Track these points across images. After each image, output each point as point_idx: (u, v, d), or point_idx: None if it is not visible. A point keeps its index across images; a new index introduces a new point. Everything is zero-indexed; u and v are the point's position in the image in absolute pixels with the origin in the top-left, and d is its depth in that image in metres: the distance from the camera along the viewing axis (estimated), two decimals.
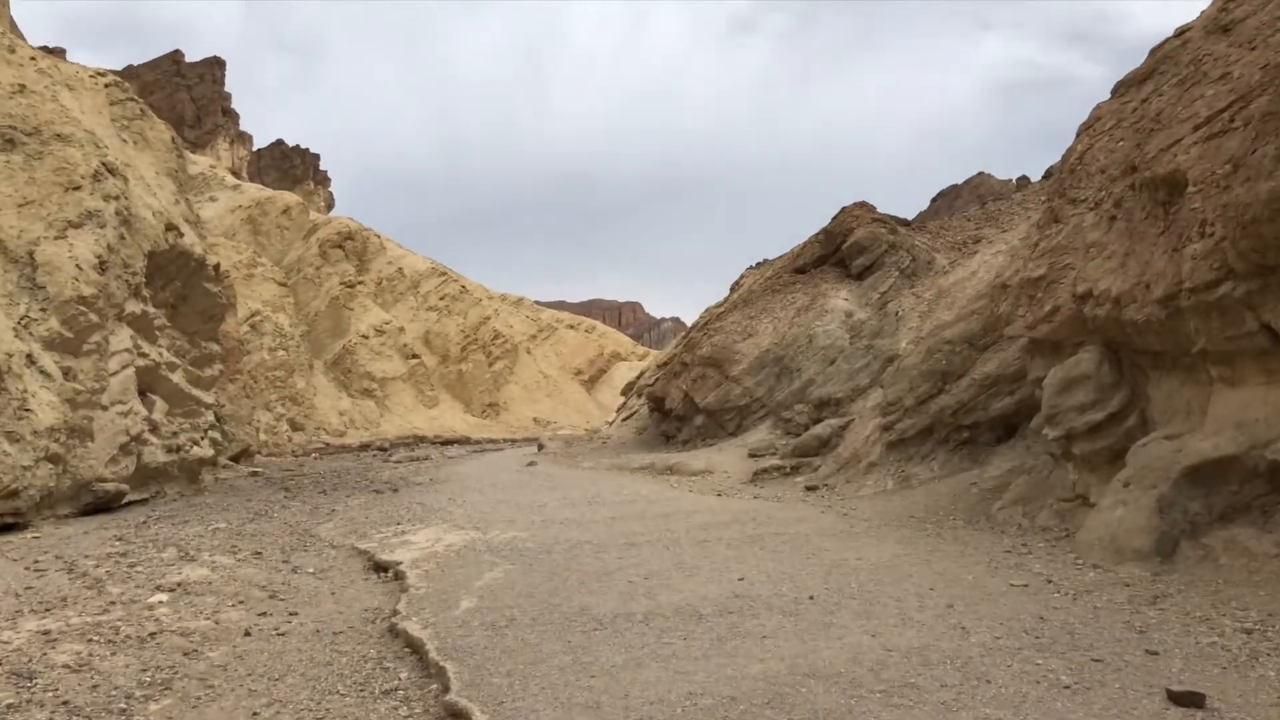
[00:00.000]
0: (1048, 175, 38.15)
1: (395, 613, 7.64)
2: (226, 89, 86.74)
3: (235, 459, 33.02)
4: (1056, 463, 11.58)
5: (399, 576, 9.43)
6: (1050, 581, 7.76)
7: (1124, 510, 8.64)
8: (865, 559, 8.91)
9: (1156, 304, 8.77)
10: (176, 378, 22.03)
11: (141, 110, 22.50)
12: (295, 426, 46.09)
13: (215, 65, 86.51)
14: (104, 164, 19.12)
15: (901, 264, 24.56)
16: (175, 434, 21.82)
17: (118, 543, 12.87)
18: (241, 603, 8.43)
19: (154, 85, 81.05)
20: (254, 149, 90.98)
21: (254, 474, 28.76)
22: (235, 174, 71.98)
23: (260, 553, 11.71)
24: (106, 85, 22.10)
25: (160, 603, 8.23)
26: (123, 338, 18.81)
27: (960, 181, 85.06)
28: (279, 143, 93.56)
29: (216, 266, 23.41)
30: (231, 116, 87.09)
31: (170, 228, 20.42)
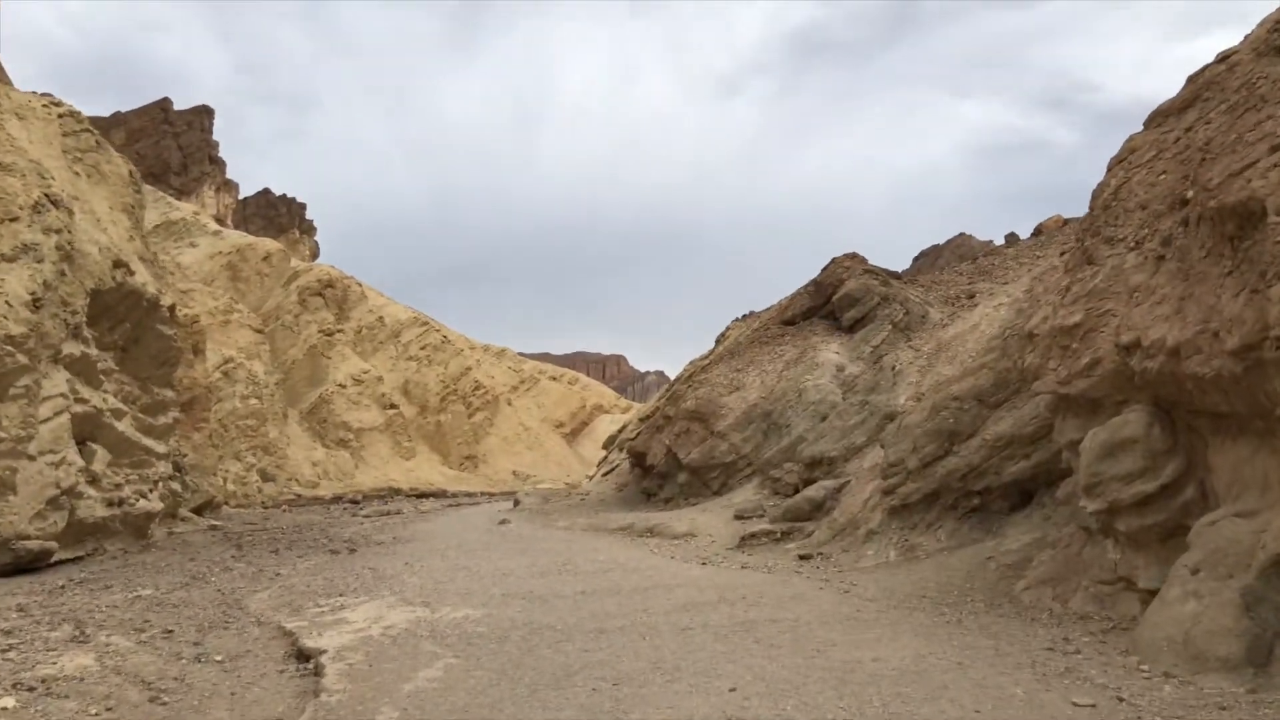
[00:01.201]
0: (1037, 233, 36.98)
1: None
2: (214, 137, 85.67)
3: (198, 511, 31.08)
4: (1089, 537, 9.95)
5: (319, 671, 7.67)
6: (1121, 700, 6.08)
7: (1197, 605, 6.99)
8: (884, 660, 7.19)
9: (1230, 356, 7.21)
10: (123, 425, 20.22)
11: (97, 142, 20.95)
12: (266, 477, 44.05)
13: (203, 114, 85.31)
14: (47, 195, 17.49)
15: (895, 317, 23.08)
16: (119, 486, 19.95)
17: (15, 614, 11.03)
18: (109, 710, 6.65)
19: (141, 132, 79.76)
20: (240, 197, 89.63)
21: (213, 528, 26.82)
22: (220, 221, 70.47)
23: (172, 631, 9.91)
24: (60, 115, 20.56)
25: (3, 710, 6.44)
26: (57, 381, 17.04)
27: (941, 242, 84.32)
28: (265, 191, 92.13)
29: (172, 308, 21.70)
30: (218, 164, 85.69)
31: (119, 265, 18.75)
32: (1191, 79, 10.46)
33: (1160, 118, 10.44)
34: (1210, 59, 10.50)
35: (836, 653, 7.49)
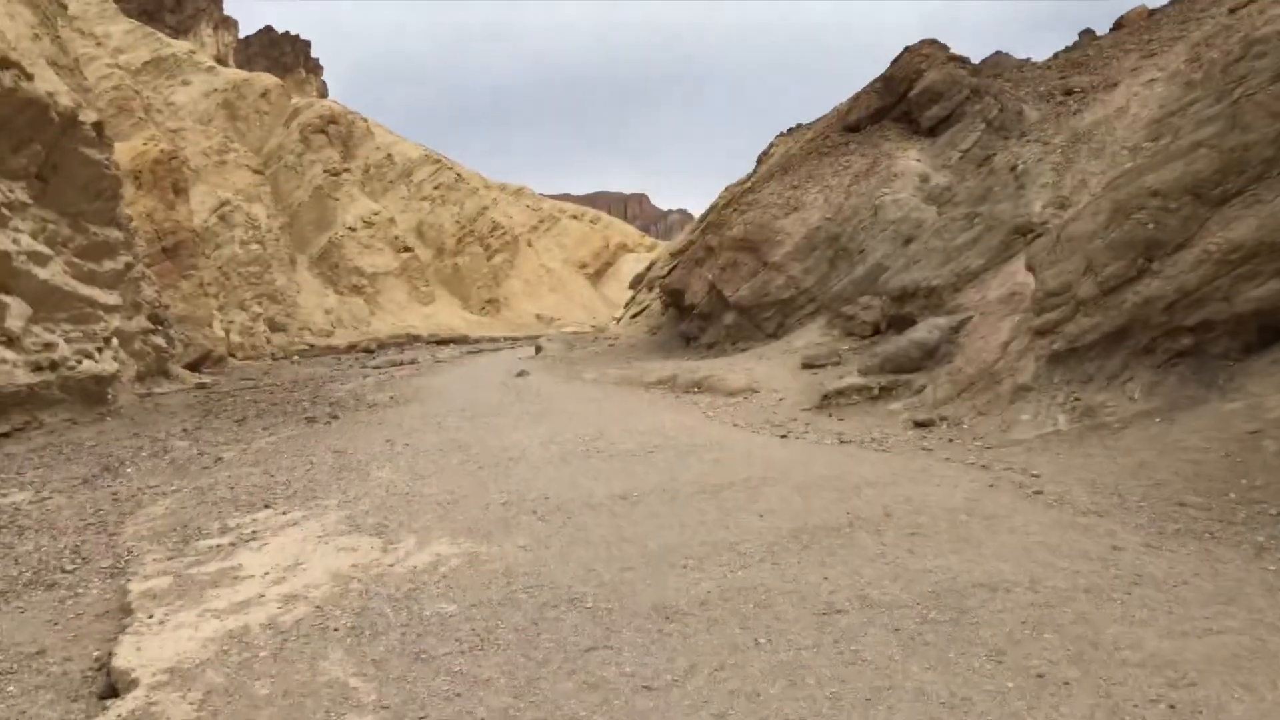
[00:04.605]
0: (1118, 26, 31.01)
1: None
2: None
3: (194, 366, 27.34)
4: None
5: None
6: None
7: None
8: None
9: None
10: (49, 272, 15.87)
11: None
12: (275, 327, 40.06)
13: None
14: None
15: (988, 114, 17.96)
16: (51, 345, 15.77)
17: None
18: None
19: None
20: (240, 36, 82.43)
21: (201, 386, 22.96)
22: (221, 61, 64.21)
23: None
24: None
25: None
26: None
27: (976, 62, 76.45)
28: (267, 29, 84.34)
29: (99, 126, 16.93)
30: (215, 1, 78.30)
31: (4, 64, 13.94)
32: None
33: None
34: None
35: None
